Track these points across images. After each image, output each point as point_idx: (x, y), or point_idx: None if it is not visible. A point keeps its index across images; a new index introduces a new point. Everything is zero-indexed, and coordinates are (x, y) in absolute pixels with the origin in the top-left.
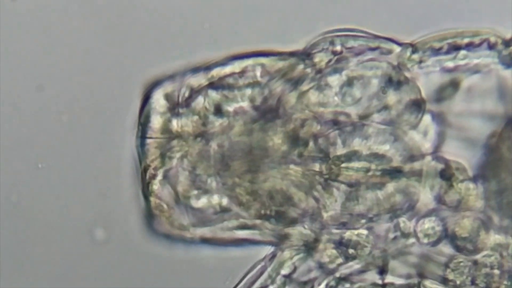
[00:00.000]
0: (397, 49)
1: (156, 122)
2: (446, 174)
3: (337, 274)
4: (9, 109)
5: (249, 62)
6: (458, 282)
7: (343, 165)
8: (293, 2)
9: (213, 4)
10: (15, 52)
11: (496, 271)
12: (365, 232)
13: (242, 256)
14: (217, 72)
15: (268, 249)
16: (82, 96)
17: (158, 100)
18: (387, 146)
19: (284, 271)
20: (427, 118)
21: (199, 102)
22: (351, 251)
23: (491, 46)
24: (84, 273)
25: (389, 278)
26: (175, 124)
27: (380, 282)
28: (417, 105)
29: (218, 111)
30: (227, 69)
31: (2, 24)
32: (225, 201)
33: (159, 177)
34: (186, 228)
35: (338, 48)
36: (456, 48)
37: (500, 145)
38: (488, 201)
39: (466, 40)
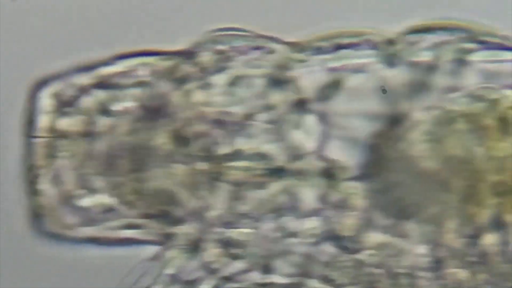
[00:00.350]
0: (281, 48)
1: (43, 121)
2: (329, 173)
3: (222, 274)
4: None
5: (134, 61)
6: (341, 281)
7: (227, 164)
8: (178, 1)
9: (99, 3)
10: None
11: (379, 270)
12: (249, 231)
13: (127, 255)
14: (103, 71)
15: (153, 249)
16: None
17: (45, 100)
18: (271, 145)
19: (169, 270)
20: (310, 118)
21: (86, 101)
22: (235, 250)
23: (374, 46)
24: None
25: (273, 278)
26: (62, 123)
27: (263, 281)
28: (301, 105)
29: (104, 110)
30: (113, 69)
31: None
32: (110, 201)
33: (46, 176)
34: (72, 227)
35: (222, 47)
36: (339, 47)
37: (383, 144)
38: (371, 200)
39: (349, 40)
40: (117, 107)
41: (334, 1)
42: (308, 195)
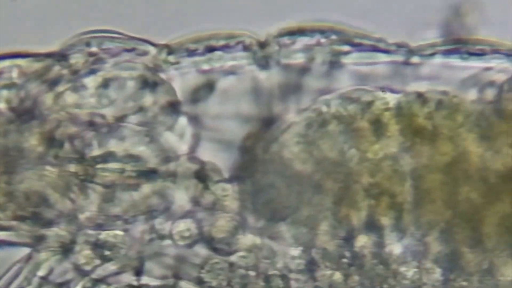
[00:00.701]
0: (153, 50)
1: None
2: (201, 175)
3: (93, 276)
4: None
5: (5, 63)
6: (214, 284)
7: (98, 166)
8: (49, 2)
9: None
10: None
11: (252, 273)
12: (121, 233)
13: None
14: None
15: (25, 251)
16: None
17: None
18: (143, 147)
19: (41, 272)
20: (182, 120)
21: None
22: (107, 252)
23: (246, 48)
24: None
25: (145, 280)
26: None
27: (136, 283)
28: (173, 107)
29: None
30: None
31: None
32: None
33: None
34: None
35: (93, 49)
36: (211, 49)
37: (255, 146)
38: (243, 202)
39: (221, 42)
40: None
41: (206, 2)
42: (181, 197)
